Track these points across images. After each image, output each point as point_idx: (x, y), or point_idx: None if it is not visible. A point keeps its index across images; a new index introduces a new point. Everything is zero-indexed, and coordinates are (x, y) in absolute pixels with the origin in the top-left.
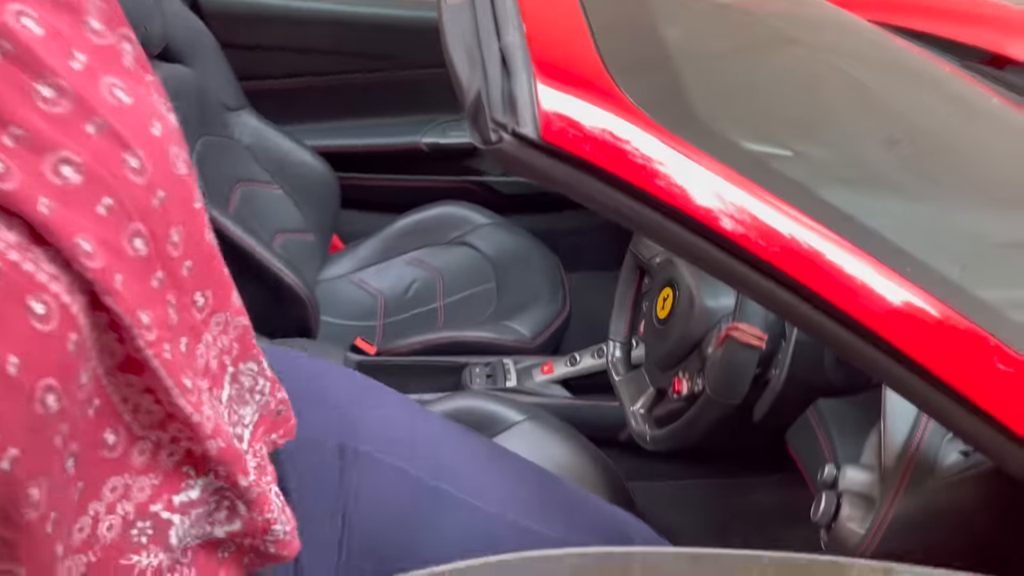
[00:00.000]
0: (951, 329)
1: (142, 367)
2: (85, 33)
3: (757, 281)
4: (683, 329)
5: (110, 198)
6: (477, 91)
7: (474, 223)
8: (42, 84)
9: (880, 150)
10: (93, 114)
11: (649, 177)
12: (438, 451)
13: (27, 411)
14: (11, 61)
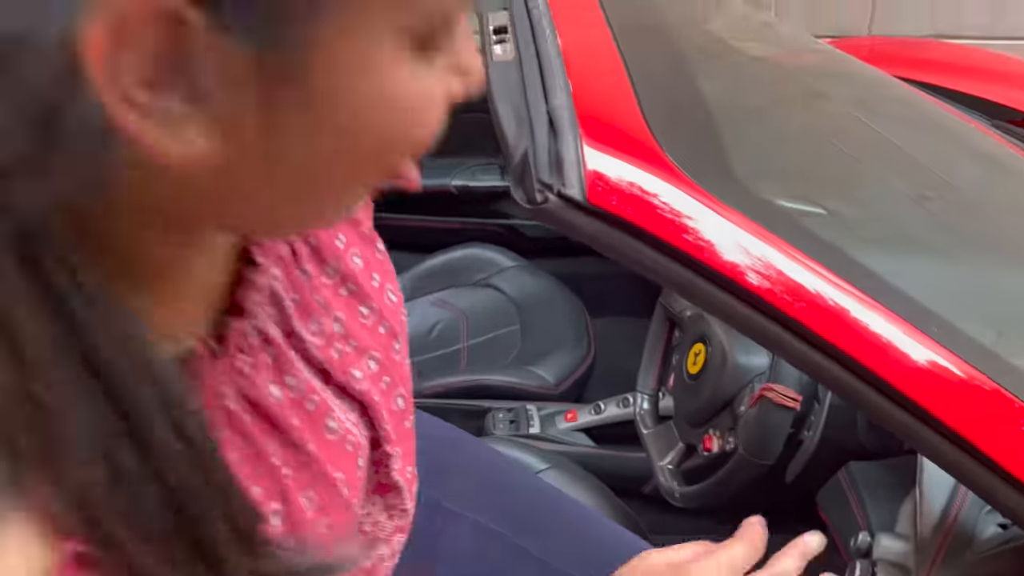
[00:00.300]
0: (977, 390)
1: (388, 488)
2: (376, 255)
3: (786, 339)
4: (715, 386)
5: (388, 376)
6: (524, 151)
7: (500, 265)
8: (363, 306)
9: (909, 207)
10: (383, 319)
11: (695, 241)
12: (519, 504)
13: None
14: (352, 295)
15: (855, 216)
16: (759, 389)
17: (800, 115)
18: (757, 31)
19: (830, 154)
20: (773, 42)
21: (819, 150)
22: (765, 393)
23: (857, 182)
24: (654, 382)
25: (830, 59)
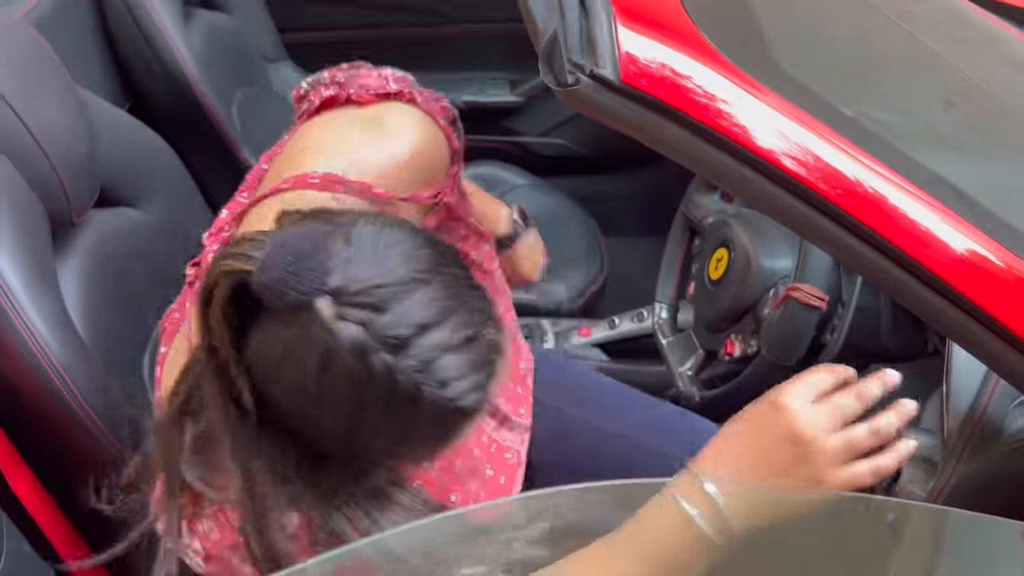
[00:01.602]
0: (1018, 279)
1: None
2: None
3: (823, 224)
4: (738, 290)
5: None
6: (553, 32)
7: (511, 184)
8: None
9: (942, 108)
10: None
11: (733, 125)
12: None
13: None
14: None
15: (892, 111)
16: (784, 290)
17: (838, 11)
18: None
19: (867, 51)
20: None
21: (856, 45)
22: (791, 293)
23: (894, 81)
24: (673, 292)
25: None
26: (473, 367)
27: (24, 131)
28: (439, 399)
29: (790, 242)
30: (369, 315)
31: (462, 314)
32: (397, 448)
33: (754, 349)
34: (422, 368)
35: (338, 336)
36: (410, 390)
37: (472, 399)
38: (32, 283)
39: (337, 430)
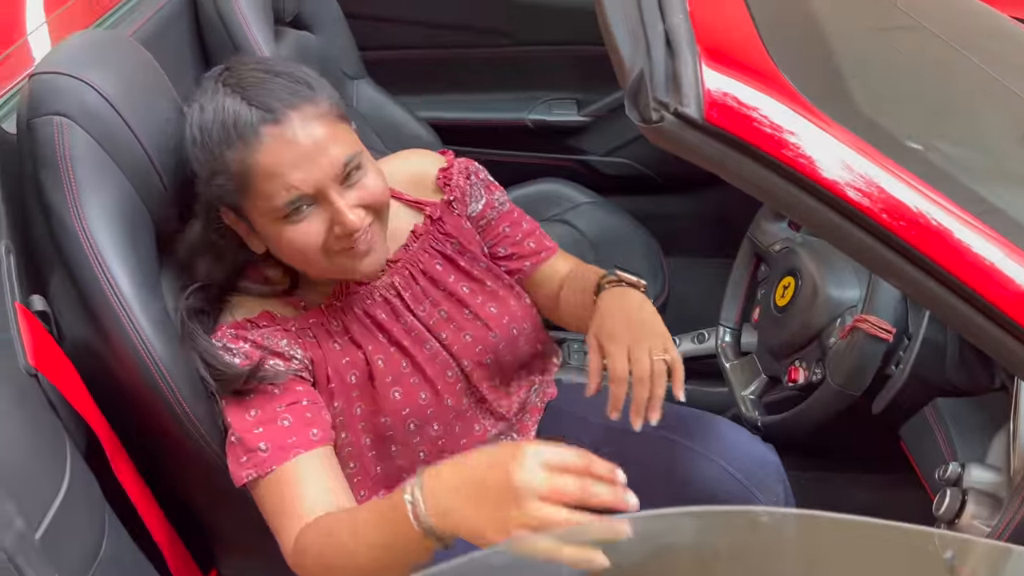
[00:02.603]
0: None
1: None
2: (485, 288)
3: (888, 256)
4: (804, 318)
5: (480, 346)
6: (640, 70)
7: (574, 201)
8: (466, 309)
9: (1013, 144)
10: (479, 318)
11: (810, 164)
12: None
13: None
14: (458, 303)
15: (961, 145)
16: (852, 320)
17: (912, 47)
18: None
19: (940, 86)
20: None
21: (930, 81)
22: (858, 324)
23: (964, 115)
24: (737, 316)
25: None
26: (263, 93)
27: (138, 146)
28: (238, 106)
29: (857, 273)
30: (227, 68)
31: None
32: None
33: (818, 377)
34: (236, 87)
35: (206, 82)
36: (224, 101)
37: (257, 104)
38: (140, 287)
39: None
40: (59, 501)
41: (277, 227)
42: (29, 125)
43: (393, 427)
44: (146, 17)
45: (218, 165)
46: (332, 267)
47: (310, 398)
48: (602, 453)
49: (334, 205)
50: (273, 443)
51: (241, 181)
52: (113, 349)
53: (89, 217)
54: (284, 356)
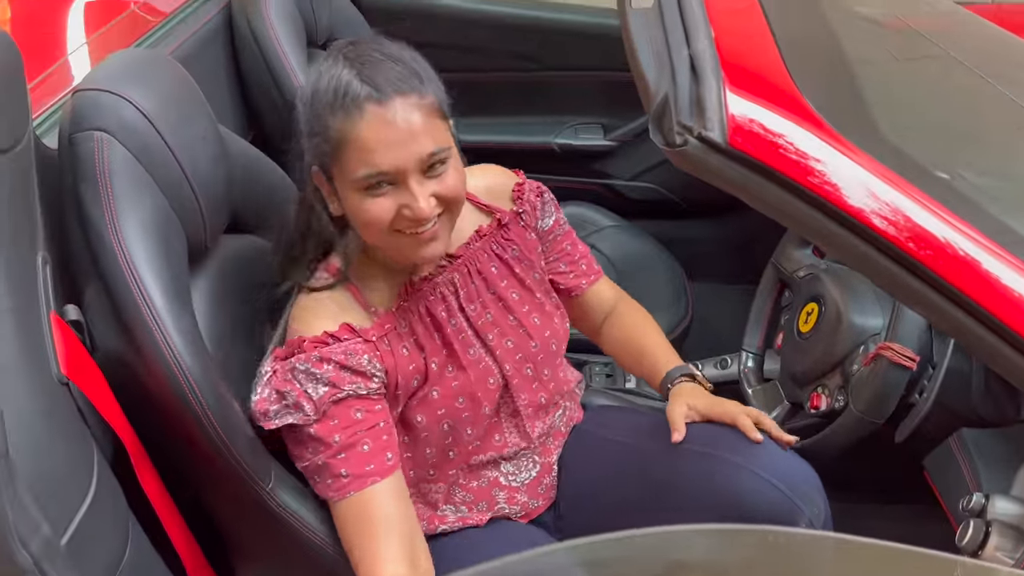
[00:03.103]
0: None
1: (516, 413)
2: (535, 299)
3: (913, 284)
4: (827, 345)
5: (520, 354)
6: (664, 95)
7: (599, 224)
8: (511, 315)
9: None
10: (523, 326)
11: (828, 184)
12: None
13: None
14: (505, 308)
15: (986, 174)
16: (875, 348)
17: (933, 74)
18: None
19: (967, 115)
20: (907, 2)
21: (957, 110)
22: (882, 352)
23: (991, 145)
24: (760, 341)
25: (965, 22)
26: (376, 73)
27: (174, 161)
28: (351, 79)
29: (881, 300)
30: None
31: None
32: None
33: (841, 404)
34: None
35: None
36: (341, 73)
37: (368, 82)
38: (171, 301)
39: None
40: (85, 508)
41: (356, 196)
42: (71, 140)
43: (427, 428)
44: (184, 37)
45: (319, 127)
46: (394, 246)
47: (385, 419)
48: (635, 470)
49: (410, 190)
50: (353, 471)
51: (335, 147)
52: (143, 360)
53: (125, 230)
54: (366, 375)
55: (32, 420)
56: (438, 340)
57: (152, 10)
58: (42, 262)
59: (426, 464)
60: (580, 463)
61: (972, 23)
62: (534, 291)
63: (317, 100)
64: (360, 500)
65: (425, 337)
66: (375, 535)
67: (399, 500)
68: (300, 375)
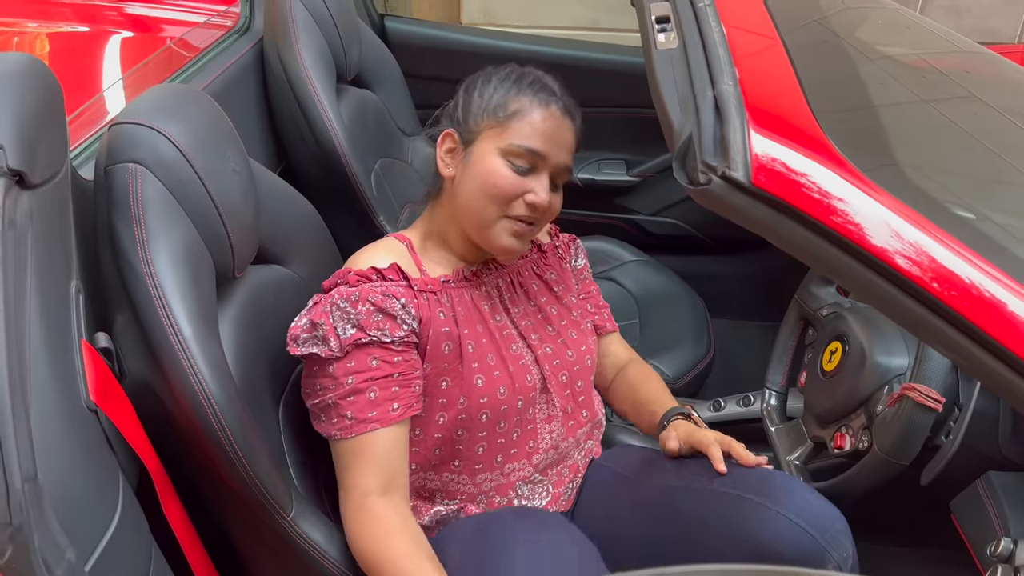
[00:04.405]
0: None
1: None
2: (572, 310)
3: (939, 326)
4: (851, 384)
5: (557, 360)
6: (688, 134)
7: (621, 259)
8: (549, 326)
9: None
10: (561, 335)
11: (859, 231)
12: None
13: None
14: (545, 320)
15: (1012, 215)
16: (900, 388)
17: (964, 117)
18: (914, 30)
19: (992, 156)
20: (930, 42)
21: (982, 151)
22: (907, 392)
23: (1017, 186)
24: (783, 379)
25: (990, 63)
26: (560, 92)
27: (205, 194)
28: (543, 81)
29: (906, 340)
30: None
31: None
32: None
33: (865, 445)
34: (542, 79)
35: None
36: (532, 80)
37: (555, 93)
38: (199, 330)
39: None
40: (110, 535)
41: (497, 159)
42: (107, 171)
43: (467, 411)
44: (217, 72)
45: (507, 97)
46: (490, 222)
47: (402, 370)
48: (664, 511)
49: (540, 180)
50: (357, 415)
51: (510, 113)
52: (171, 389)
53: (156, 260)
54: (396, 320)
55: (61, 446)
56: (480, 328)
57: (187, 46)
58: (75, 291)
59: (453, 459)
60: (598, 498)
61: (997, 64)
62: (572, 310)
63: (512, 81)
64: (359, 442)
65: (465, 318)
66: (362, 468)
67: (394, 449)
68: (336, 311)
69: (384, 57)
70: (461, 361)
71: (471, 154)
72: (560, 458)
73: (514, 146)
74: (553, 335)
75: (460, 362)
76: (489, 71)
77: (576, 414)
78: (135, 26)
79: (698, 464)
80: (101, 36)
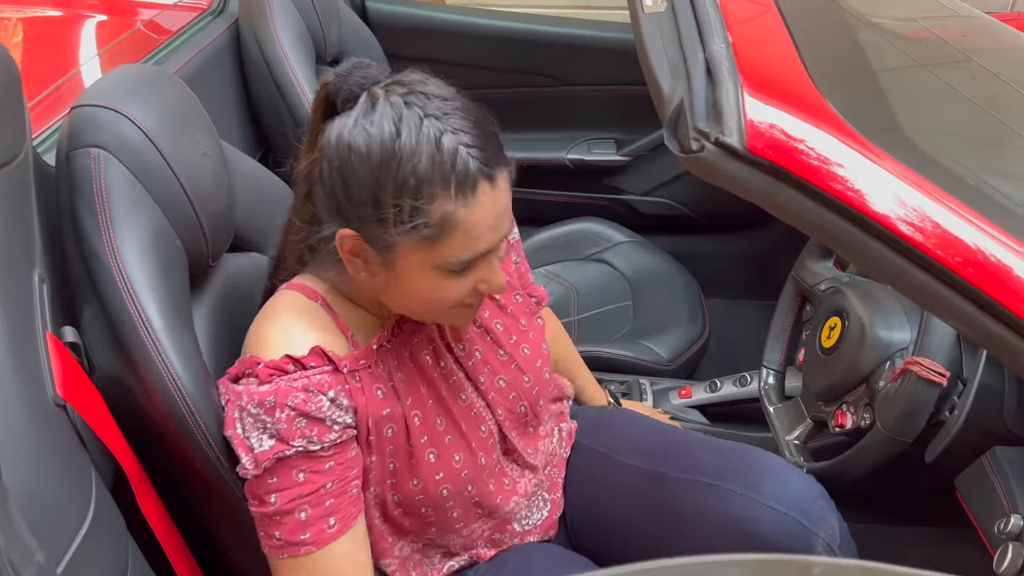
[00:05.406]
0: None
1: (513, 451)
2: (519, 326)
3: (944, 293)
4: (852, 360)
5: (514, 392)
6: (679, 100)
7: (613, 240)
8: (500, 350)
9: None
10: (514, 360)
11: (854, 191)
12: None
13: None
14: (493, 342)
15: (1015, 180)
16: (903, 363)
17: (963, 82)
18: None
19: (992, 121)
20: (927, 7)
21: (982, 116)
22: (910, 367)
23: (1014, 148)
24: (781, 358)
25: (989, 28)
26: (480, 144)
27: (173, 179)
28: (457, 148)
29: (907, 313)
30: (409, 91)
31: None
32: (420, 185)
33: (867, 422)
34: (442, 120)
35: (383, 98)
36: (435, 135)
37: (477, 158)
38: (171, 322)
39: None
40: (83, 535)
41: (435, 276)
42: (68, 156)
43: (424, 491)
44: (190, 55)
45: (422, 204)
46: (441, 317)
47: (336, 477)
48: (644, 498)
49: (492, 266)
50: (286, 537)
51: (438, 229)
52: (142, 382)
53: (123, 249)
54: (324, 423)
55: (26, 444)
56: (424, 389)
57: (158, 28)
58: (39, 280)
59: (428, 532)
60: (586, 489)
61: (994, 29)
62: (518, 317)
63: (411, 170)
64: (293, 564)
65: (405, 385)
66: None
67: (344, 559)
68: (247, 419)
69: (365, 38)
70: (409, 438)
71: (394, 265)
72: (546, 462)
73: (459, 263)
74: (505, 361)
75: (408, 440)
76: (364, 135)
77: (540, 424)
78: (110, 9)
79: (674, 449)
80: (76, 20)
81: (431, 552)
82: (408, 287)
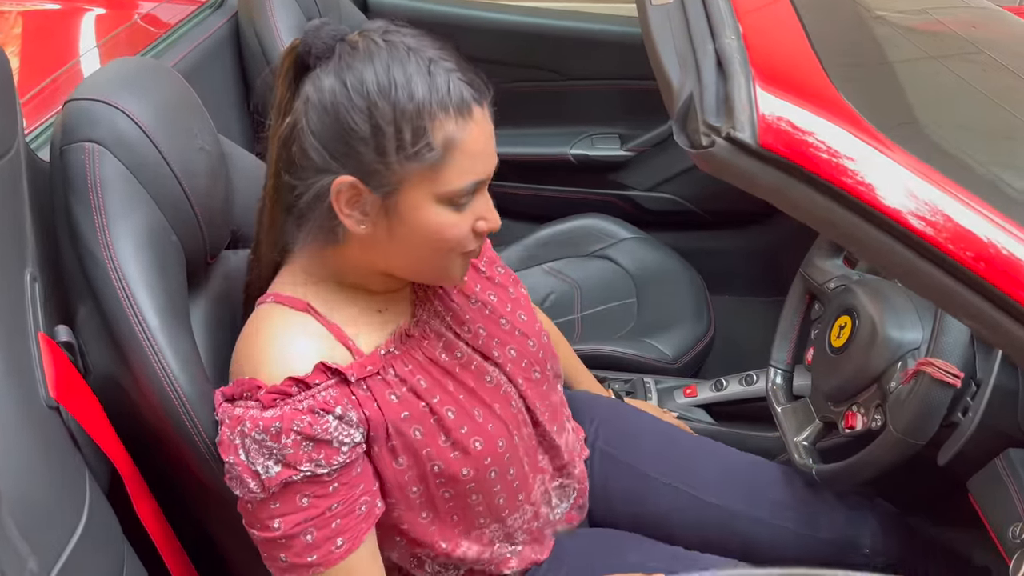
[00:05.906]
0: None
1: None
2: (508, 295)
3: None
4: (862, 361)
5: (525, 360)
6: (689, 94)
7: (617, 236)
8: (502, 319)
9: None
10: (516, 327)
11: (871, 191)
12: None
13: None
14: (491, 314)
15: None
16: (915, 364)
17: (974, 74)
18: None
19: (1004, 113)
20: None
21: (994, 108)
22: (923, 368)
23: None
24: (789, 357)
25: (995, 19)
26: (465, 72)
27: (170, 174)
28: (448, 74)
29: (919, 312)
30: (385, 31)
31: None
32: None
33: (879, 424)
34: (426, 52)
35: (362, 41)
36: (425, 64)
37: (468, 83)
38: (167, 321)
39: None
40: (76, 539)
41: (433, 211)
42: (62, 151)
43: (476, 479)
44: (189, 48)
45: (424, 122)
46: (439, 269)
47: (341, 498)
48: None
49: (484, 200)
50: (292, 560)
51: (443, 150)
52: (138, 383)
53: (118, 247)
54: (331, 445)
55: (18, 448)
56: (451, 387)
57: (155, 21)
58: (30, 279)
59: (477, 516)
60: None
61: (1003, 20)
62: (506, 286)
63: (406, 85)
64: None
65: (432, 388)
66: None
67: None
68: (251, 445)
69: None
70: (448, 434)
71: (396, 207)
72: (560, 430)
73: (463, 189)
74: (508, 329)
75: (447, 435)
76: (353, 73)
77: (553, 390)
78: (109, 3)
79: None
80: (75, 13)
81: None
82: (412, 230)
